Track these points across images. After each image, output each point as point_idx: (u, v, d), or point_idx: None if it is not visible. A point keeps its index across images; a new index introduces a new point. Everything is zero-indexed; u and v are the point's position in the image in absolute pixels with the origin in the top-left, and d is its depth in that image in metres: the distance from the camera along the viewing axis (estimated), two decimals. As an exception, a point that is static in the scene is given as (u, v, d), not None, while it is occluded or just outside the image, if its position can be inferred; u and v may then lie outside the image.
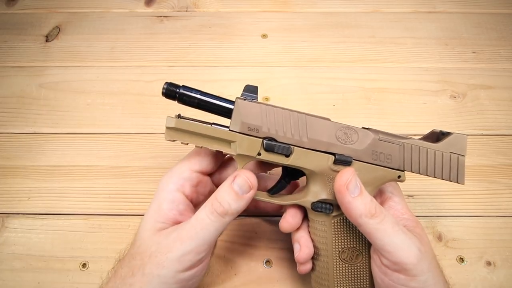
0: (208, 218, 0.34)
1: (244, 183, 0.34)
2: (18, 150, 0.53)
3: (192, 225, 0.34)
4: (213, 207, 0.34)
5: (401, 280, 0.32)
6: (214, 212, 0.34)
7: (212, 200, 0.34)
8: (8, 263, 0.44)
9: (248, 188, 0.34)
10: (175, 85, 0.35)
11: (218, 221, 0.34)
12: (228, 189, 0.34)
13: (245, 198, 0.34)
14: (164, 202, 0.36)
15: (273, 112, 0.35)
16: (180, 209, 0.36)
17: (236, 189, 0.34)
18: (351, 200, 0.33)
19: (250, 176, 0.35)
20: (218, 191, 0.35)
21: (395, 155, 0.37)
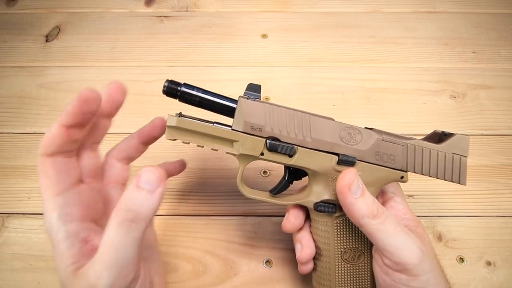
0: (118, 234, 0.27)
1: (151, 177, 0.28)
2: (18, 150, 0.53)
3: (103, 252, 0.27)
4: (120, 218, 0.27)
5: (402, 280, 0.32)
6: (123, 223, 0.27)
7: (117, 211, 0.27)
8: (8, 263, 0.44)
9: (158, 180, 0.28)
10: (176, 83, 0.35)
11: (131, 232, 0.27)
12: (135, 190, 0.28)
13: (157, 193, 0.28)
14: (60, 243, 0.29)
15: (277, 112, 0.35)
16: (82, 237, 0.30)
17: (144, 187, 0.28)
18: (353, 201, 0.33)
19: (156, 168, 0.29)
20: (122, 198, 0.28)
21: (399, 155, 0.37)
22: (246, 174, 0.51)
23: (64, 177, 0.31)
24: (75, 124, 0.30)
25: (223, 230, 0.47)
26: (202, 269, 0.45)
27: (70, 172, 0.31)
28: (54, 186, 0.30)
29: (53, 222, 0.29)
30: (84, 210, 0.31)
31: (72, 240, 0.30)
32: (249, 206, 0.49)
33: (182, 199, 0.49)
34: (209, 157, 0.52)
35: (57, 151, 0.30)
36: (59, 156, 0.30)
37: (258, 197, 0.38)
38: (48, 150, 0.30)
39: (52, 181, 0.30)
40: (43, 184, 0.30)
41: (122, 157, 0.38)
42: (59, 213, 0.30)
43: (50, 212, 0.30)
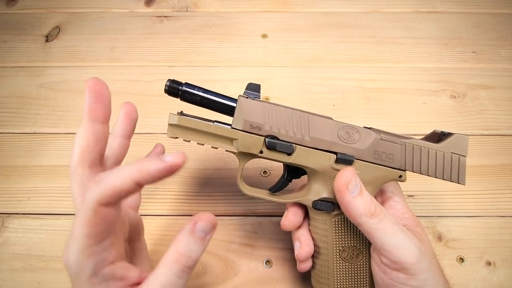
0: (178, 278, 0.28)
1: (207, 226, 0.29)
2: (18, 150, 0.53)
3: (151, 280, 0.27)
4: (181, 263, 0.28)
5: (400, 279, 0.32)
6: (184, 268, 0.28)
7: (177, 257, 0.28)
8: (8, 263, 0.44)
9: (211, 227, 0.29)
10: (177, 82, 0.35)
11: (187, 275, 0.29)
12: (191, 238, 0.28)
13: (208, 239, 0.29)
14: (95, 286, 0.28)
15: (276, 111, 0.36)
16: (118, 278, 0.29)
17: (201, 236, 0.29)
18: (350, 199, 0.33)
19: (209, 215, 0.29)
20: (179, 245, 0.28)
21: (397, 154, 0.37)
22: (246, 174, 0.51)
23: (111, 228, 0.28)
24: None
25: (223, 230, 0.47)
26: (202, 269, 0.45)
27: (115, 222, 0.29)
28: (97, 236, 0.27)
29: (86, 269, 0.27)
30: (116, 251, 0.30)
31: (108, 283, 0.28)
32: (249, 206, 0.49)
33: (182, 199, 0.49)
34: (209, 157, 0.52)
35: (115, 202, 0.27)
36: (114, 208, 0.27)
37: (257, 195, 0.38)
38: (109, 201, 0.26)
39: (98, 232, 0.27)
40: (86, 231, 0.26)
41: None
42: (96, 261, 0.27)
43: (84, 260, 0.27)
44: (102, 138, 0.30)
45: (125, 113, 0.36)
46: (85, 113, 0.29)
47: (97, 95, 0.30)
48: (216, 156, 0.52)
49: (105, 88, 0.31)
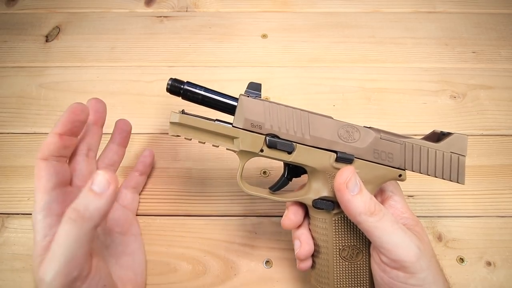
0: (62, 230, 0.29)
1: (101, 180, 0.30)
2: (18, 150, 0.53)
3: (52, 248, 0.30)
4: (67, 215, 0.30)
5: (400, 277, 0.32)
6: (68, 220, 0.29)
7: (67, 210, 0.30)
8: (8, 263, 0.44)
9: (107, 183, 0.30)
10: (179, 81, 0.36)
11: (74, 229, 0.29)
12: (85, 192, 0.30)
13: (105, 195, 0.30)
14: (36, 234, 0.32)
15: (276, 110, 0.36)
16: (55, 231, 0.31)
17: (94, 189, 0.30)
18: (350, 198, 0.33)
19: (107, 172, 0.31)
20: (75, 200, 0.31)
21: (396, 154, 0.37)
22: (247, 174, 0.51)
23: (54, 177, 0.34)
24: (67, 131, 0.35)
25: (223, 230, 0.47)
26: (202, 269, 0.45)
27: (59, 174, 0.35)
28: (43, 184, 0.33)
29: (36, 216, 0.32)
30: (65, 207, 0.32)
31: (46, 233, 0.32)
32: (249, 206, 0.49)
33: (182, 199, 0.49)
34: (209, 157, 0.52)
35: (50, 155, 0.34)
36: (52, 160, 0.34)
37: (257, 193, 0.38)
38: (44, 154, 0.34)
39: (43, 181, 0.33)
40: (36, 183, 0.34)
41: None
42: (43, 207, 0.33)
43: (36, 207, 0.33)
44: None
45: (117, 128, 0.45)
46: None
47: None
48: (216, 156, 0.52)
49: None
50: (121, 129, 0.45)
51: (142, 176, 0.48)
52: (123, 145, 0.45)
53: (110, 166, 0.44)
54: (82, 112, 0.35)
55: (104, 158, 0.43)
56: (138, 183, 0.48)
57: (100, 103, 0.41)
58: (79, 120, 0.35)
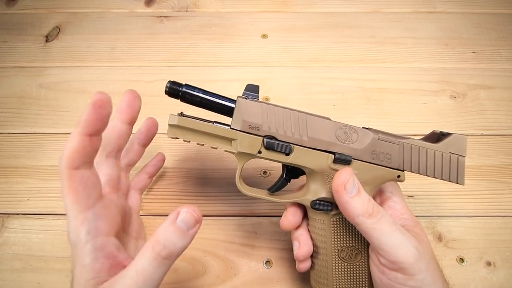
0: (151, 266, 0.28)
1: (189, 218, 0.30)
2: (18, 150, 0.53)
3: (131, 277, 0.28)
4: (156, 251, 0.29)
5: (399, 279, 0.32)
6: (158, 257, 0.29)
7: (153, 244, 0.29)
8: (8, 263, 0.44)
9: (194, 222, 0.30)
10: (177, 83, 0.36)
11: (163, 266, 0.29)
12: (172, 228, 0.29)
13: (190, 234, 0.30)
14: (85, 256, 0.30)
15: (274, 111, 0.36)
16: (107, 252, 0.31)
17: (181, 226, 0.29)
18: (348, 199, 0.33)
19: (194, 209, 0.31)
20: (158, 232, 0.29)
21: (395, 154, 0.37)
22: (246, 174, 0.51)
23: (93, 191, 0.31)
24: (95, 131, 0.29)
25: (223, 230, 0.47)
26: (202, 269, 0.45)
27: (97, 185, 0.32)
28: (83, 200, 0.30)
29: (81, 236, 0.30)
30: (110, 224, 0.32)
31: (98, 255, 0.30)
32: (248, 206, 0.49)
33: (182, 199, 0.49)
34: (209, 157, 0.52)
35: (82, 162, 0.29)
36: (84, 169, 0.30)
37: (256, 195, 0.38)
38: (74, 163, 0.29)
39: (82, 196, 0.30)
40: (71, 198, 0.30)
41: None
42: (89, 228, 0.30)
43: (79, 227, 0.30)
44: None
45: (146, 126, 0.43)
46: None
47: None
48: (216, 156, 0.52)
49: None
50: (149, 130, 0.43)
51: (150, 179, 0.47)
52: (146, 145, 0.44)
53: (128, 166, 0.42)
54: (108, 104, 0.30)
55: (125, 157, 0.42)
56: (146, 185, 0.47)
57: (136, 99, 0.37)
58: (107, 115, 0.30)
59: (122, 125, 0.38)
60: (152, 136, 0.43)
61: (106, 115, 0.30)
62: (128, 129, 0.38)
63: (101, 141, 0.31)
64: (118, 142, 0.38)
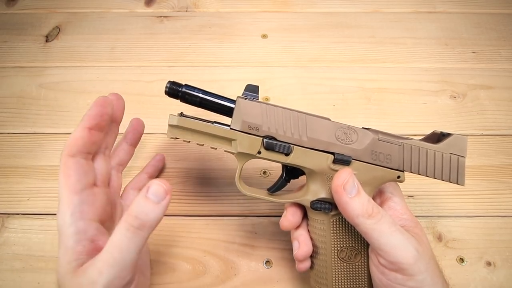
0: (124, 237, 0.30)
1: (159, 190, 0.31)
2: (18, 150, 0.53)
3: (107, 251, 0.30)
4: (128, 222, 0.30)
5: (398, 279, 0.32)
6: (130, 227, 0.30)
7: (126, 217, 0.30)
8: (8, 263, 0.44)
9: (164, 193, 0.31)
10: (177, 84, 0.36)
11: (136, 237, 0.30)
12: (143, 200, 0.31)
13: (162, 205, 0.31)
14: (68, 238, 0.31)
15: (274, 111, 0.36)
16: (89, 236, 0.32)
17: (151, 198, 0.31)
18: (348, 200, 0.33)
19: (164, 181, 0.32)
20: (131, 206, 0.31)
21: (395, 155, 0.37)
22: (246, 174, 0.51)
23: (83, 177, 0.33)
24: (95, 125, 0.34)
25: (223, 230, 0.47)
26: (202, 269, 0.45)
27: (88, 173, 0.34)
28: (73, 184, 0.32)
29: (66, 218, 0.31)
30: (95, 210, 0.34)
31: (80, 237, 0.31)
32: (248, 206, 0.49)
33: (182, 199, 0.49)
34: (209, 157, 0.52)
35: (79, 151, 0.33)
36: (80, 157, 0.33)
37: (255, 195, 0.38)
38: (72, 150, 0.33)
39: (72, 180, 0.32)
40: (62, 182, 0.32)
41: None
42: (73, 210, 0.32)
43: (65, 209, 0.32)
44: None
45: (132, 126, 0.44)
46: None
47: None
48: (216, 157, 0.52)
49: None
50: (135, 129, 0.44)
51: (150, 179, 0.47)
52: (134, 145, 0.44)
53: (119, 166, 0.43)
54: (109, 105, 0.35)
55: (115, 157, 0.42)
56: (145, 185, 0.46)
57: (119, 100, 0.39)
58: (107, 113, 0.34)
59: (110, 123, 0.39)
60: (140, 135, 0.44)
61: (106, 112, 0.34)
62: (114, 126, 0.39)
63: (101, 137, 0.35)
64: (105, 139, 0.38)
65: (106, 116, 0.34)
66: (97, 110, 0.34)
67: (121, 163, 0.43)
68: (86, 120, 0.33)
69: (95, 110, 0.34)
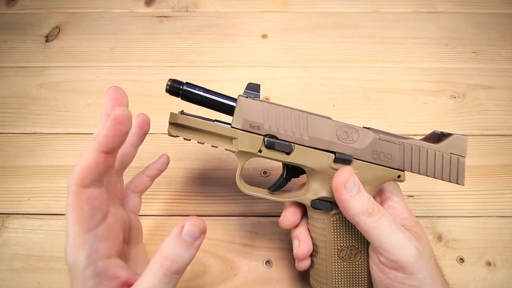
0: (161, 282, 0.28)
1: (195, 230, 0.29)
2: (18, 150, 0.53)
3: None
4: (165, 267, 0.28)
5: (398, 278, 0.32)
6: (167, 273, 0.28)
7: (161, 261, 0.28)
8: (8, 263, 0.44)
9: (200, 233, 0.30)
10: (178, 81, 0.36)
11: (172, 281, 0.28)
12: (178, 242, 0.29)
13: (196, 246, 0.29)
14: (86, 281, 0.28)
15: (275, 110, 0.36)
16: (110, 276, 0.29)
17: (187, 239, 0.29)
18: (348, 198, 0.33)
19: (199, 220, 0.30)
20: (165, 248, 0.29)
21: (395, 154, 0.37)
22: (247, 174, 0.51)
23: (98, 212, 0.29)
24: (112, 149, 0.28)
25: (223, 230, 0.47)
26: (202, 269, 0.45)
27: (103, 205, 0.30)
28: (86, 221, 0.28)
29: (80, 259, 0.28)
30: (112, 245, 0.31)
31: (100, 280, 0.29)
32: (249, 206, 0.49)
33: (182, 199, 0.49)
34: (209, 157, 0.52)
35: (93, 180, 0.28)
36: (94, 187, 0.28)
37: (256, 194, 0.38)
38: (85, 180, 0.27)
39: (86, 216, 0.28)
40: (73, 217, 0.28)
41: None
42: (89, 251, 0.28)
43: (78, 249, 0.28)
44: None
45: (138, 124, 0.37)
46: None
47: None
48: (216, 156, 0.52)
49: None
50: (142, 130, 0.37)
51: (151, 181, 0.42)
52: (138, 146, 0.38)
53: (121, 170, 0.38)
54: (129, 120, 0.28)
55: (118, 161, 0.37)
56: (147, 187, 0.42)
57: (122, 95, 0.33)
58: (127, 132, 0.28)
59: None
60: (145, 135, 0.38)
61: (125, 132, 0.28)
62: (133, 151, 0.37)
63: (115, 159, 0.30)
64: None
65: (126, 136, 0.28)
66: (115, 129, 0.27)
67: (123, 166, 0.38)
68: (101, 142, 0.27)
69: (112, 129, 0.27)
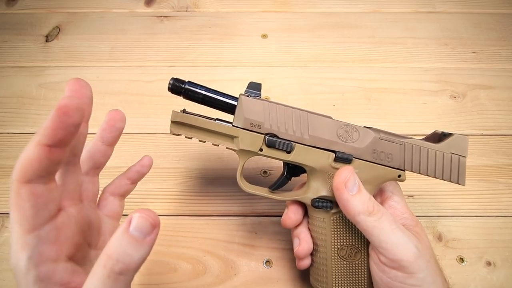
0: (104, 285, 0.24)
1: (144, 224, 0.24)
2: (18, 150, 0.52)
3: None
4: (108, 268, 0.24)
5: (398, 277, 0.32)
6: (111, 274, 0.24)
7: (105, 261, 0.24)
8: (8, 263, 0.44)
9: (151, 227, 0.25)
10: (181, 80, 0.36)
11: (119, 283, 0.24)
12: (125, 238, 0.24)
13: (148, 242, 0.25)
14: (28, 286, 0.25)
15: (276, 109, 0.36)
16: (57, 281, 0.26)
17: (135, 235, 0.24)
18: (349, 197, 0.33)
19: (149, 213, 0.25)
20: (110, 245, 0.24)
21: (396, 154, 0.37)
22: (247, 174, 0.51)
23: (42, 211, 0.25)
24: (57, 142, 0.24)
25: (223, 230, 0.47)
26: (202, 269, 0.45)
27: (49, 204, 0.26)
28: (28, 220, 0.25)
29: (21, 262, 0.25)
30: (59, 248, 0.27)
31: (45, 284, 0.25)
32: (249, 206, 0.49)
33: (182, 199, 0.49)
34: (209, 157, 0.52)
35: (37, 176, 0.24)
36: (38, 183, 0.24)
37: (257, 192, 0.38)
38: (26, 176, 0.24)
39: (27, 215, 0.24)
40: (15, 216, 0.24)
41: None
42: (31, 253, 0.25)
43: (20, 251, 0.25)
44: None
45: (107, 121, 0.34)
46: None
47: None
48: (216, 156, 0.52)
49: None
50: (114, 126, 0.34)
51: (133, 185, 0.38)
52: (113, 144, 0.35)
53: (95, 170, 0.34)
54: (76, 111, 0.24)
55: (89, 160, 0.34)
56: (127, 191, 0.38)
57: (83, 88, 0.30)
58: (74, 123, 0.24)
59: None
60: (118, 131, 0.34)
61: (72, 124, 0.24)
62: (83, 127, 0.31)
63: (66, 154, 0.25)
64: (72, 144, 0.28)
65: (72, 127, 0.24)
66: (60, 121, 0.23)
67: (97, 166, 0.34)
68: (43, 134, 0.23)
69: (56, 120, 0.23)
